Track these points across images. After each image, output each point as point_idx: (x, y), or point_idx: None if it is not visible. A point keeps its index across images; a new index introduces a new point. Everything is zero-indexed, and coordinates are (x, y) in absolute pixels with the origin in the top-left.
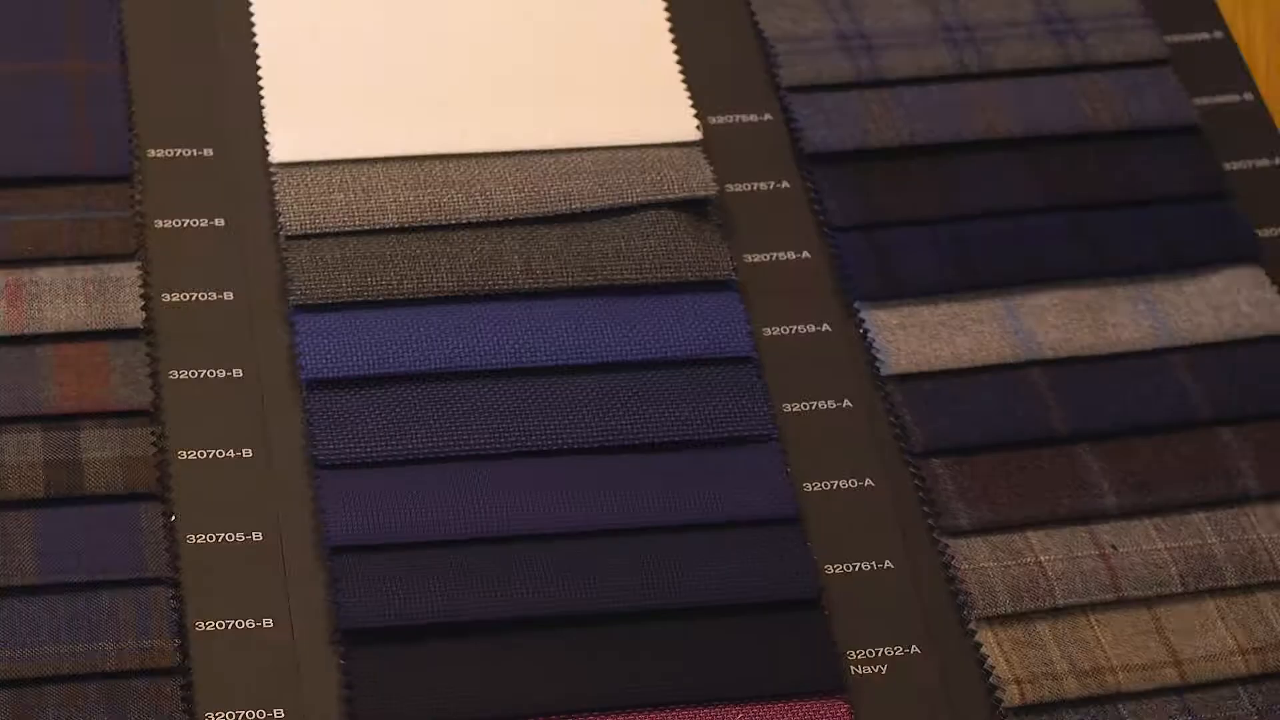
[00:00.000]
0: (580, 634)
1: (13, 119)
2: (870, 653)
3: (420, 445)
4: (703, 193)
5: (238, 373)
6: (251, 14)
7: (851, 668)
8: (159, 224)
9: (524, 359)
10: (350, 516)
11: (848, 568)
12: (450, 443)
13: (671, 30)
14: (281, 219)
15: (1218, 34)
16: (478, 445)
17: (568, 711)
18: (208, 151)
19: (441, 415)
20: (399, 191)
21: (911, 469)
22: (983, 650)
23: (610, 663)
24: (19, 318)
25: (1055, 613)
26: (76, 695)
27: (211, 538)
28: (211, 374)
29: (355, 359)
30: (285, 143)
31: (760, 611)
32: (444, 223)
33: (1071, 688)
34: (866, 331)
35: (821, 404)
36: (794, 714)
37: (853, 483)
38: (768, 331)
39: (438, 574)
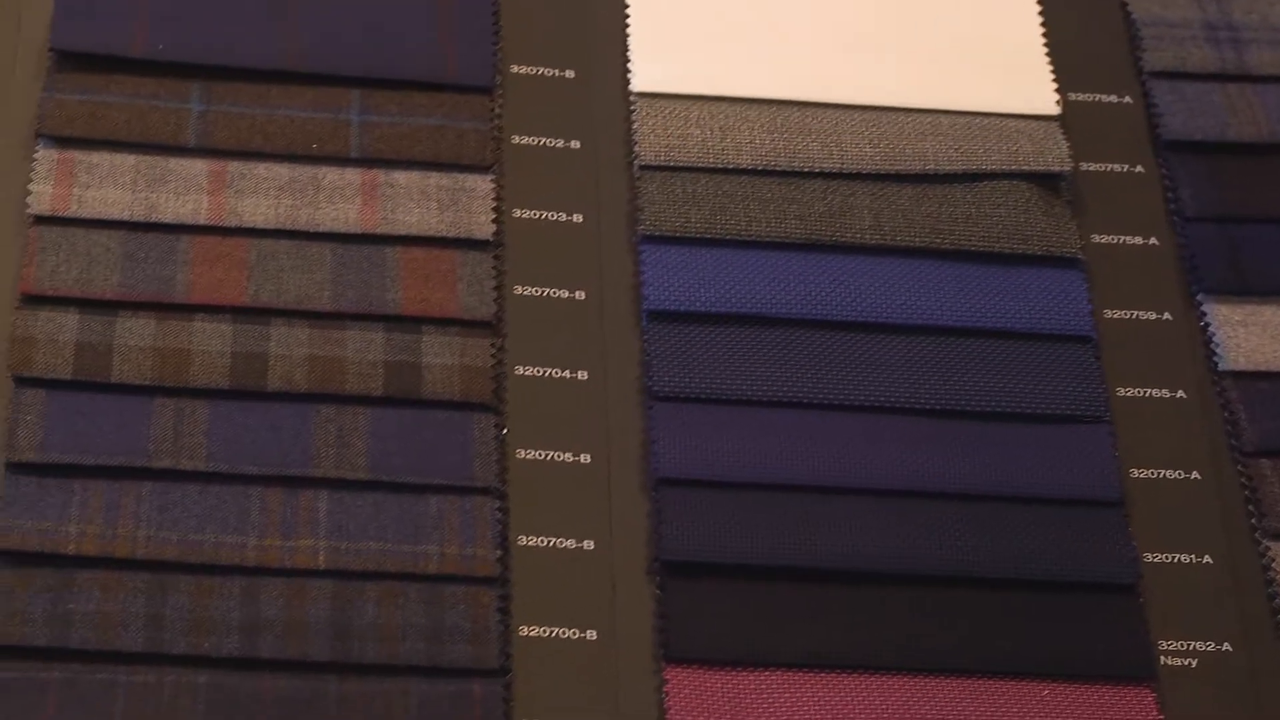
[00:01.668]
0: (892, 592)
1: (382, 21)
2: (1182, 645)
3: (754, 387)
4: (1057, 168)
5: (580, 295)
6: None
7: (1161, 658)
8: (516, 139)
9: (867, 314)
10: (680, 449)
11: (1166, 558)
12: (784, 388)
13: (1039, 2)
14: (637, 148)
15: None
16: (812, 394)
17: (872, 668)
18: (569, 73)
19: (778, 360)
20: (755, 133)
21: (1240, 467)
22: None
23: (919, 625)
24: (373, 217)
25: None
26: (396, 593)
27: (540, 455)
28: (554, 293)
29: (698, 294)
30: (648, 73)
31: (1076, 591)
32: (797, 169)
33: None
34: (1208, 324)
35: (1155, 392)
36: (1101, 698)
37: (1179, 474)
38: (1108, 314)
39: (761, 516)
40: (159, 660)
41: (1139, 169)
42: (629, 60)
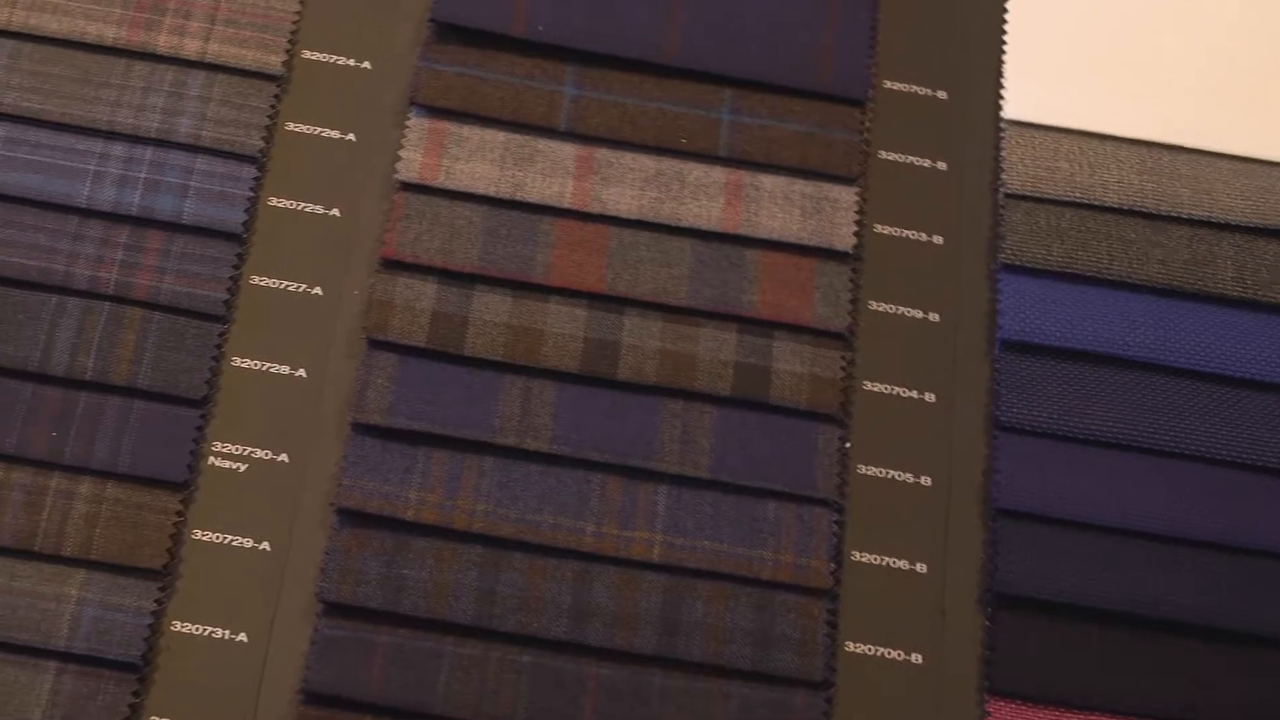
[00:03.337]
0: (1227, 650)
1: (763, 23)
2: None
3: (1102, 427)
4: None
5: (934, 317)
6: None
7: None
8: (883, 154)
9: (1222, 366)
10: (1022, 482)
11: None
12: (1133, 431)
13: None
14: (1004, 175)
15: None
16: (1161, 440)
17: None
18: (941, 94)
19: (1129, 403)
20: (1124, 173)
21: None
22: None
23: (1256, 686)
24: (735, 218)
25: None
26: (726, 595)
27: (881, 472)
28: (909, 313)
29: (1053, 328)
30: (1021, 101)
31: None
32: (1164, 213)
33: None
34: None
35: None
36: None
37: None
38: None
39: (1099, 557)
40: (487, 635)
41: None
42: (1003, 86)
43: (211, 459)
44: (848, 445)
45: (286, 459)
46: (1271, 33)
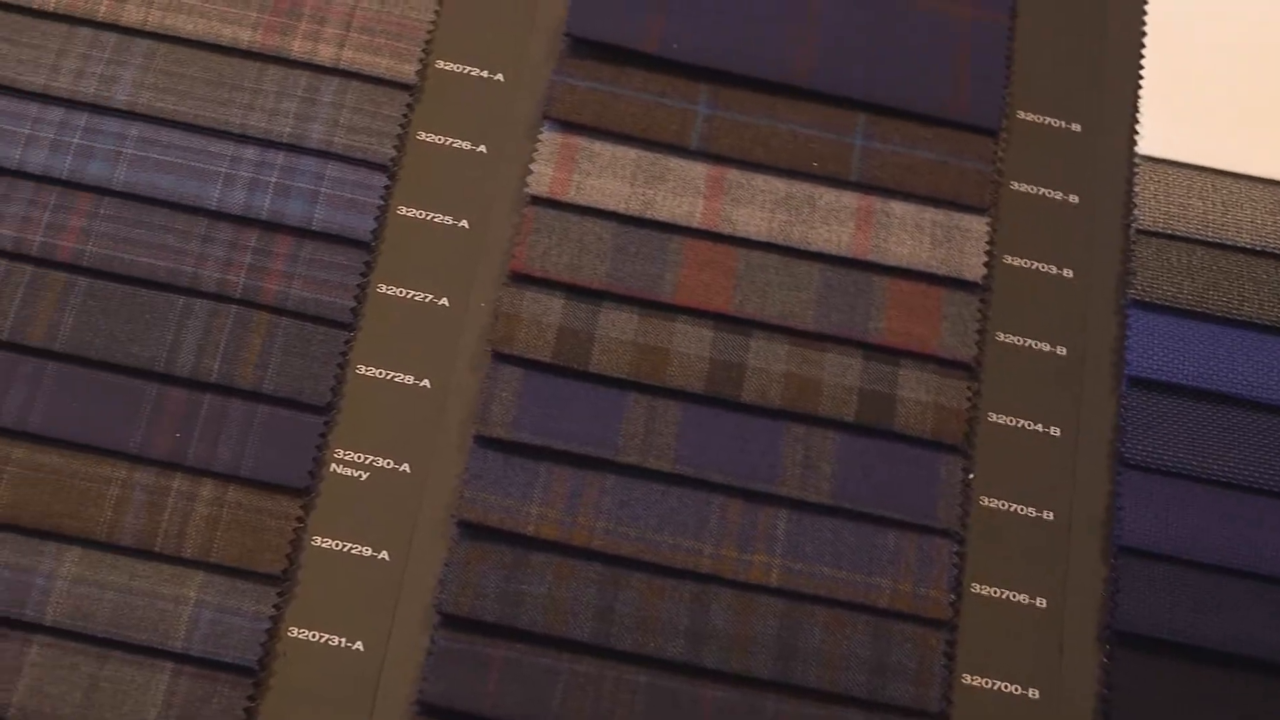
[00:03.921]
0: None
1: (899, 48)
2: None
3: (1228, 468)
4: None
5: (1061, 350)
6: None
7: None
8: (1014, 186)
9: None
10: (1146, 520)
11: None
12: (1259, 474)
13: None
14: (1136, 211)
15: None
16: None
17: None
18: (1075, 126)
19: (1257, 445)
20: (1257, 213)
21: None
22: None
23: None
24: (865, 243)
25: None
26: (844, 622)
27: (1003, 505)
28: (1035, 345)
29: (1182, 366)
30: (1155, 136)
31: None
32: None
33: None
34: None
35: None
36: None
37: None
38: None
39: (1222, 601)
40: (603, 653)
41: None
42: (1137, 121)
43: (334, 466)
44: (970, 476)
45: (408, 469)
46: None
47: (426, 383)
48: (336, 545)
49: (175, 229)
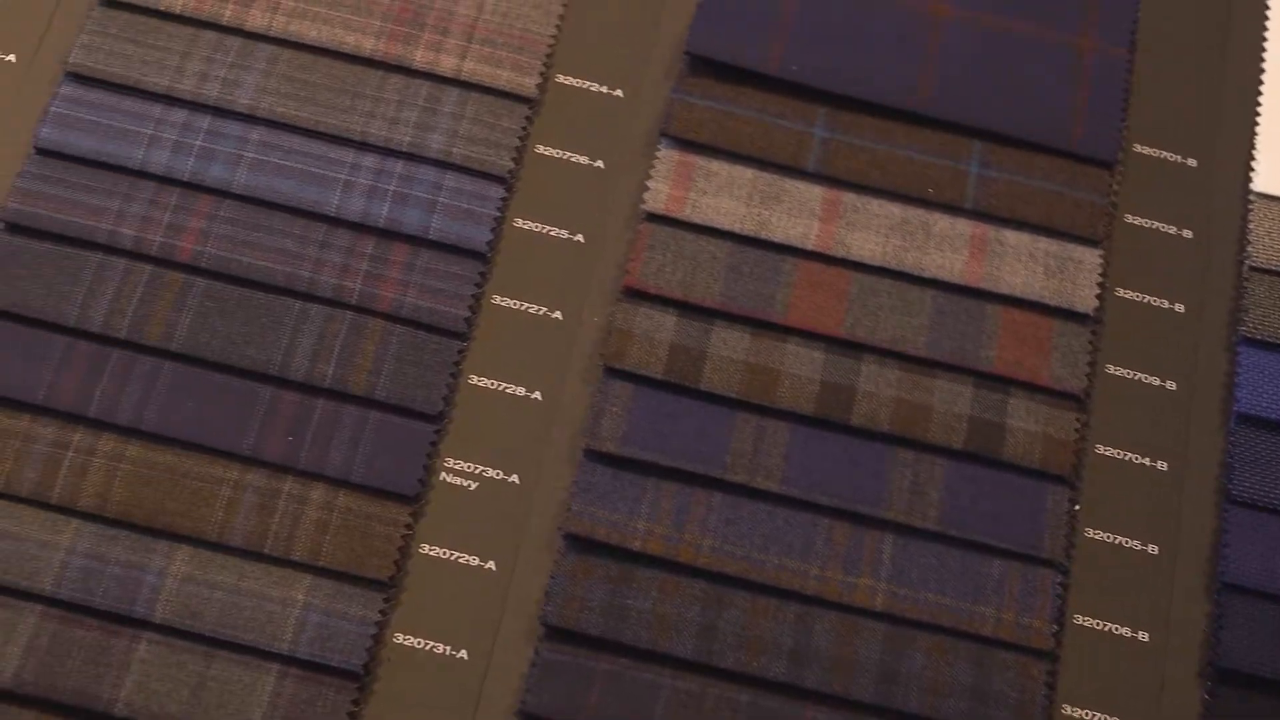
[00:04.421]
0: None
1: (1018, 77)
2: None
3: None
4: None
5: (1171, 385)
6: (1265, 33)
7: None
8: (1128, 219)
9: None
10: (1252, 558)
11: None
12: None
13: None
14: (1249, 248)
15: None
16: None
17: None
18: (1191, 161)
19: None
20: None
21: None
22: None
23: None
24: (978, 271)
25: None
26: (947, 649)
27: (1108, 537)
28: (1145, 379)
29: None
30: (1271, 174)
31: None
32: None
33: None
34: None
35: None
36: None
37: None
38: None
39: None
40: (706, 670)
41: None
42: (1253, 158)
43: (443, 475)
44: (1077, 508)
45: (517, 480)
46: None
47: (538, 395)
48: (444, 554)
49: (293, 234)
